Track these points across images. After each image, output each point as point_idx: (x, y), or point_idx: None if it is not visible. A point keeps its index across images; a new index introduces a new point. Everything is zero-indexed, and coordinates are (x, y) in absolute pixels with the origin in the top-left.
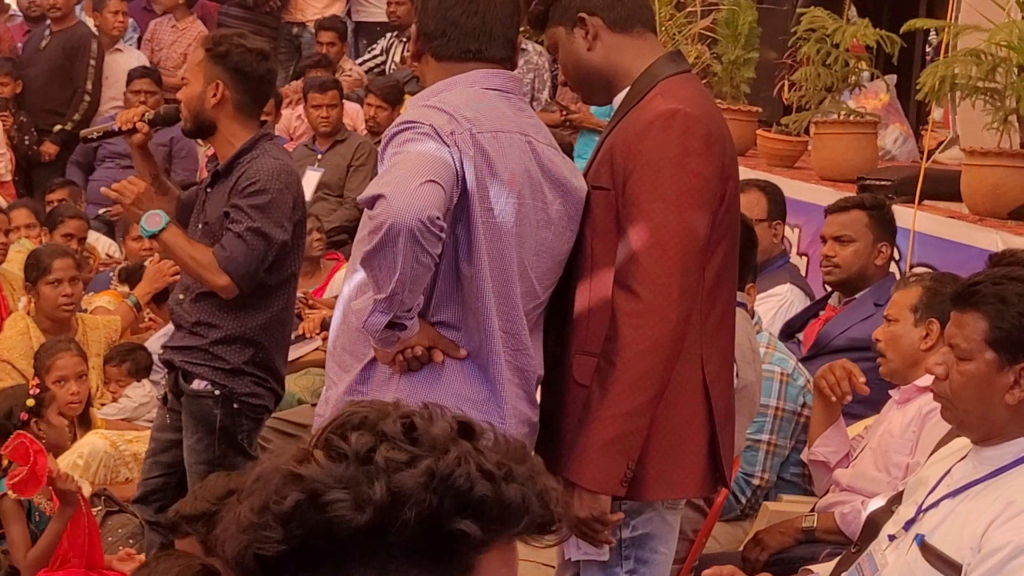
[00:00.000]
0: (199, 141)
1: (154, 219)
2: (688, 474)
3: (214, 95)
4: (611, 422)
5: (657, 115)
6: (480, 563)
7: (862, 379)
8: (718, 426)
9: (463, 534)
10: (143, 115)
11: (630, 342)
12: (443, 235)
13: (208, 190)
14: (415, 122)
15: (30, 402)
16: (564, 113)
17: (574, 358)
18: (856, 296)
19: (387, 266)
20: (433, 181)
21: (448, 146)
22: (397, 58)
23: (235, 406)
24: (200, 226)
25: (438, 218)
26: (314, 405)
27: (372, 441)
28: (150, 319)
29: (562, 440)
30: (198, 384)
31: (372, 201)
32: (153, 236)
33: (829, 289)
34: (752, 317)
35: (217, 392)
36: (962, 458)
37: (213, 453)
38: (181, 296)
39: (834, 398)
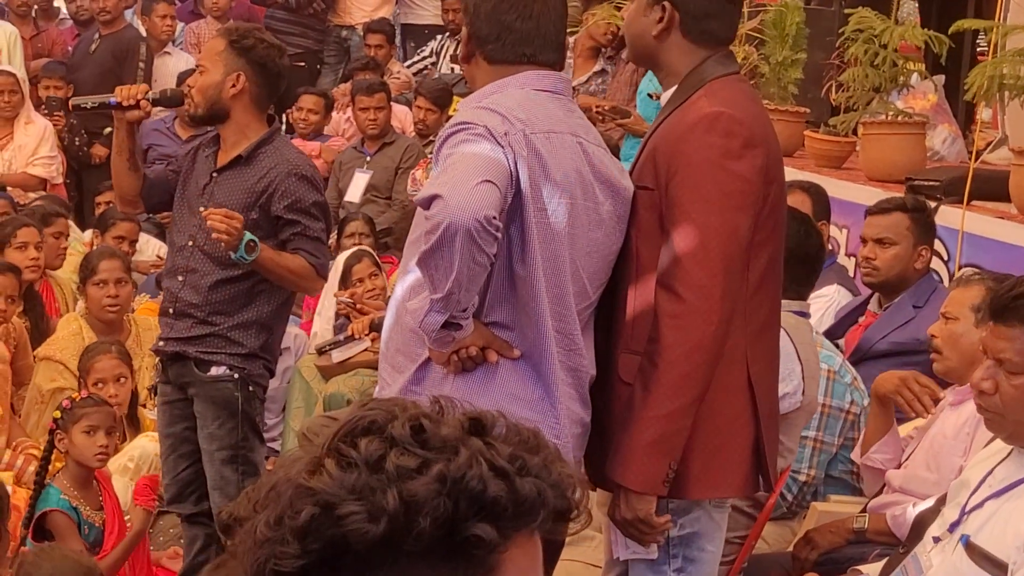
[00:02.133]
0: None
1: (250, 246)
2: (731, 474)
3: (233, 85)
4: (654, 423)
5: (701, 117)
6: (502, 561)
7: (940, 395)
8: (763, 427)
9: (477, 537)
10: (147, 93)
11: (672, 344)
12: (499, 235)
13: (215, 175)
14: (469, 123)
15: (56, 414)
16: (608, 118)
17: (619, 356)
18: (895, 300)
19: (444, 266)
20: (489, 181)
21: (502, 147)
22: (450, 59)
23: (250, 388)
24: (202, 209)
25: (494, 218)
26: None
27: (382, 448)
28: None
29: (609, 439)
30: (216, 370)
31: (428, 201)
32: (249, 263)
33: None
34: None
35: (236, 375)
36: (1004, 458)
37: (236, 437)
38: (181, 279)
39: (913, 414)
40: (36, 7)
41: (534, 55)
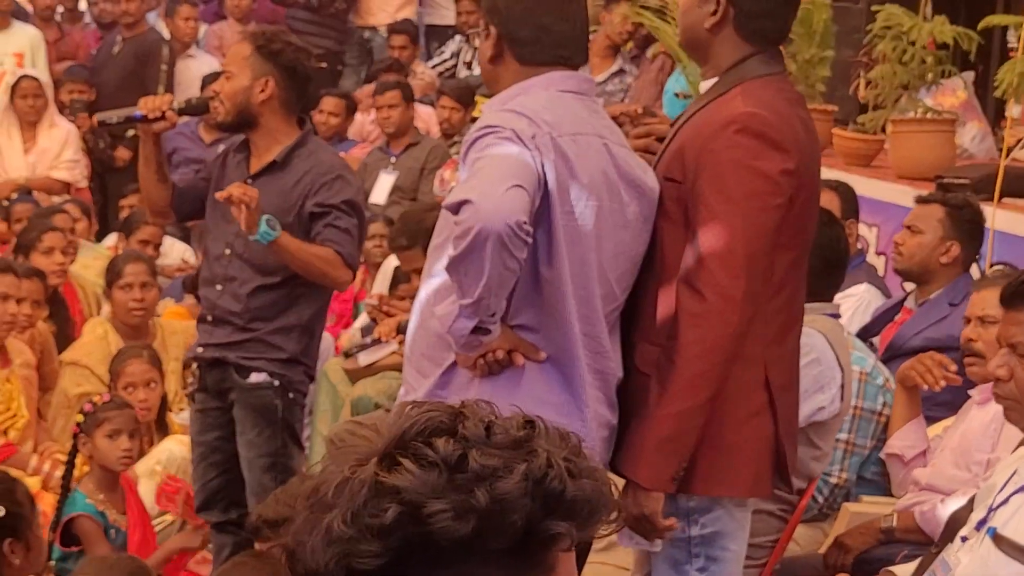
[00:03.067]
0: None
1: (270, 223)
2: (741, 474)
3: (262, 91)
4: (666, 420)
5: (732, 117)
6: (560, 560)
7: (952, 368)
8: (781, 428)
9: (557, 535)
10: (171, 103)
11: (691, 342)
12: (529, 240)
13: (249, 181)
14: (496, 126)
15: (79, 417)
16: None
17: (637, 345)
18: (930, 297)
19: (474, 271)
20: (519, 186)
21: (530, 150)
22: (468, 59)
23: (291, 395)
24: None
25: (525, 223)
26: (388, 410)
27: (460, 447)
28: None
29: (623, 432)
30: (256, 377)
31: (458, 206)
32: (272, 241)
33: (907, 289)
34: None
35: (276, 382)
36: None
37: (276, 444)
38: (219, 288)
39: (925, 386)
40: (61, 10)
41: (569, 57)
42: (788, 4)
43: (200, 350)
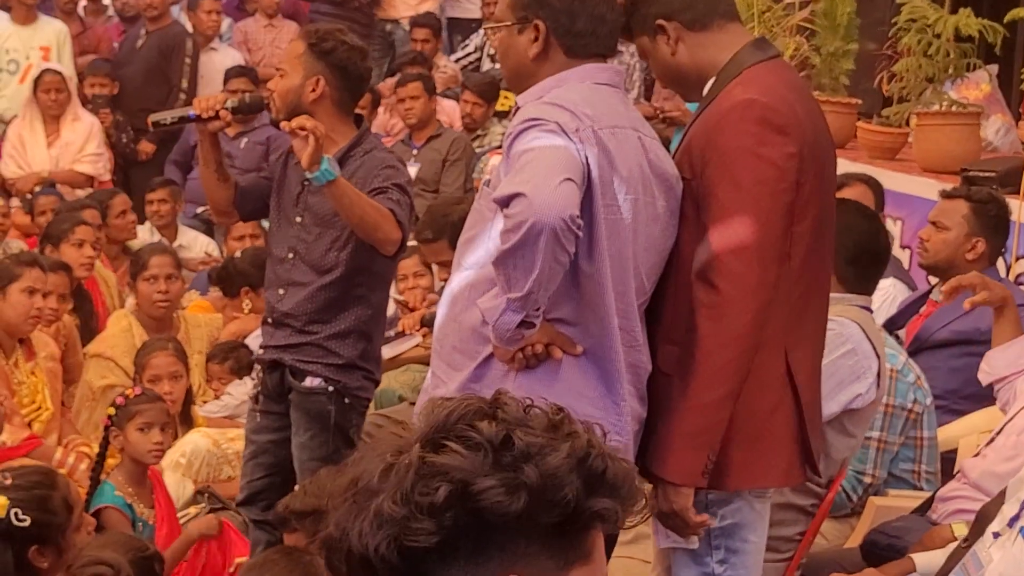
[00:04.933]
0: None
1: (333, 164)
2: (773, 464)
3: (313, 90)
4: (691, 414)
5: (733, 105)
6: (596, 542)
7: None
8: (806, 416)
9: (601, 512)
10: (225, 102)
11: (709, 334)
12: (580, 233)
13: (306, 182)
14: (540, 119)
15: (110, 411)
16: (659, 111)
17: (659, 346)
18: None
19: (524, 265)
20: (570, 179)
21: (574, 143)
22: (492, 52)
23: (346, 401)
24: (298, 219)
25: (578, 217)
26: (412, 403)
27: (504, 428)
28: (250, 310)
29: (649, 431)
30: (311, 381)
31: (509, 199)
32: (330, 182)
33: (932, 281)
34: None
35: (331, 388)
36: None
37: (328, 449)
38: (282, 292)
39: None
40: (84, 3)
41: (613, 48)
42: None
43: (261, 351)
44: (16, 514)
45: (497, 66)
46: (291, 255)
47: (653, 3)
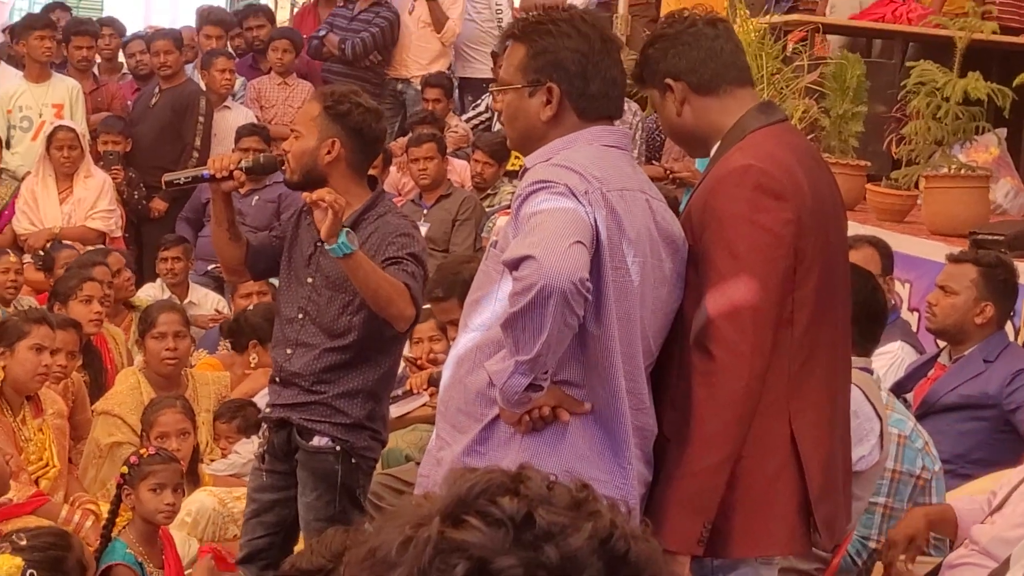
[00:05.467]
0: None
1: (350, 236)
2: (776, 531)
3: (328, 152)
4: (685, 481)
5: (729, 171)
6: None
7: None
8: (811, 482)
9: None
10: (239, 163)
11: (703, 401)
12: (590, 296)
13: (319, 244)
14: (549, 181)
15: (123, 469)
16: (668, 171)
17: (662, 411)
18: (965, 353)
19: (533, 328)
20: (580, 242)
21: (584, 205)
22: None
23: (353, 461)
24: (310, 280)
25: (587, 280)
26: (418, 463)
27: (526, 506)
28: (256, 364)
29: (648, 496)
30: (318, 440)
31: (518, 262)
32: (348, 255)
33: (940, 345)
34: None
35: (338, 448)
36: None
37: (334, 509)
38: (289, 351)
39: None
40: (99, 61)
41: (621, 110)
42: (719, 39)
43: (268, 410)
44: (32, 575)
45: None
46: (300, 315)
47: (663, 60)
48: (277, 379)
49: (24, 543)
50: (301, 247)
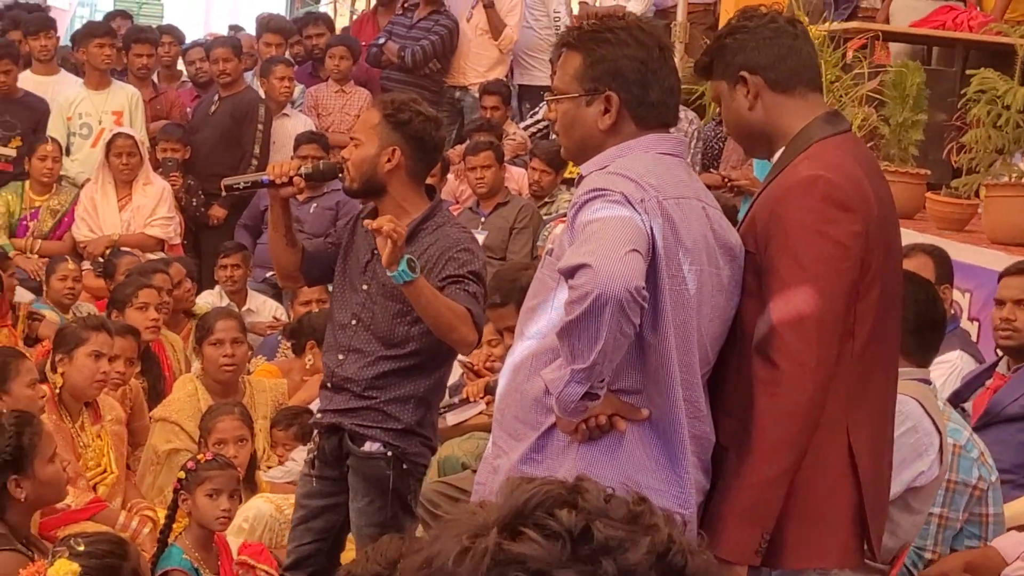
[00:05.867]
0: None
1: (411, 264)
2: (831, 543)
3: (388, 160)
4: (745, 491)
5: (798, 181)
6: None
7: None
8: (866, 495)
9: None
10: (299, 169)
11: (765, 411)
12: (646, 305)
13: (376, 252)
14: (605, 190)
15: (180, 474)
16: (727, 180)
17: (719, 419)
18: None
19: (589, 336)
20: (636, 250)
21: (640, 213)
22: None
23: (404, 467)
24: (364, 287)
25: (643, 288)
26: (474, 471)
27: (584, 519)
28: (311, 365)
29: (705, 505)
30: (370, 446)
31: (574, 270)
32: (408, 282)
33: (999, 354)
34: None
35: (389, 453)
36: None
37: (385, 515)
38: (342, 357)
39: None
40: (159, 69)
41: (676, 118)
42: (796, 38)
43: (319, 415)
44: None
45: None
46: (354, 322)
47: (740, 52)
48: (328, 384)
49: (81, 549)
50: (357, 254)
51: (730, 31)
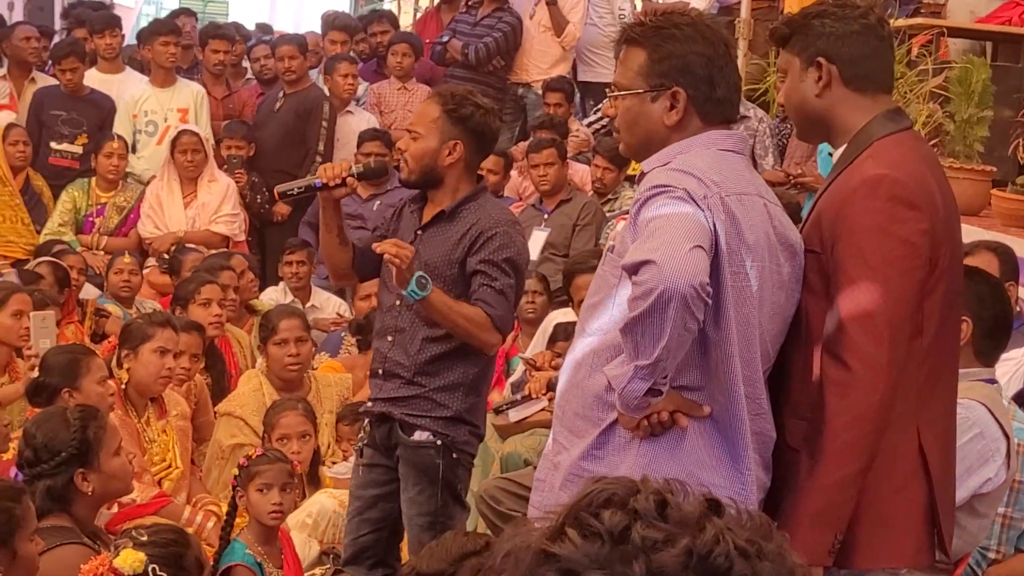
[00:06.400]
0: None
1: (421, 282)
2: (901, 543)
3: (450, 153)
4: (818, 493)
5: (863, 180)
6: None
7: None
8: (937, 494)
9: None
10: (350, 169)
11: (838, 412)
12: (710, 301)
13: (419, 232)
14: (668, 186)
15: (234, 471)
16: (791, 176)
17: (786, 421)
18: None
19: (653, 332)
20: (700, 247)
21: (703, 210)
22: None
23: (454, 456)
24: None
25: (708, 284)
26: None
27: (625, 519)
28: None
29: (772, 506)
30: (420, 435)
31: (638, 267)
32: (419, 300)
33: None
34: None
35: (439, 442)
36: None
37: (436, 504)
38: (390, 339)
39: None
40: (228, 67)
41: (737, 114)
42: (882, 40)
43: (370, 404)
44: (154, 570)
45: None
46: (398, 302)
47: (824, 38)
48: (380, 371)
49: (144, 539)
50: (402, 235)
51: (821, 12)
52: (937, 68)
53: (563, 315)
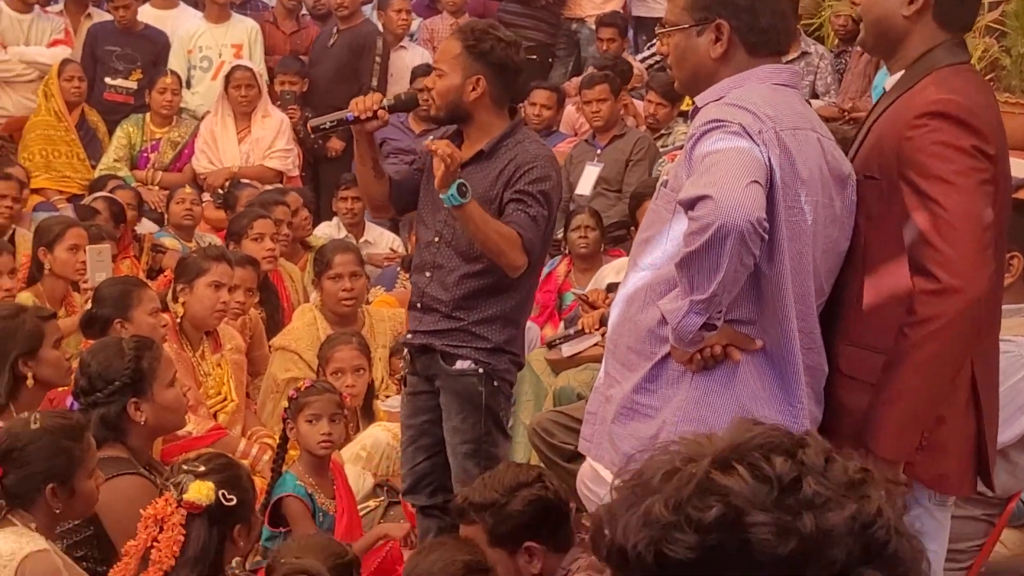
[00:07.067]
0: None
1: (462, 188)
2: (948, 470)
3: (474, 89)
4: (908, 395)
5: (930, 103)
6: None
7: None
8: (988, 426)
9: None
10: (381, 102)
11: (927, 319)
12: (767, 236)
13: (459, 171)
14: (723, 121)
15: (284, 403)
16: (845, 112)
17: (841, 348)
18: None
19: (709, 268)
20: (756, 182)
21: (758, 145)
22: None
23: (495, 384)
24: (446, 204)
25: (764, 219)
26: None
27: (796, 470)
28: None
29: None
30: (462, 363)
31: (694, 202)
32: (460, 205)
33: None
34: None
35: (480, 370)
36: None
37: (479, 431)
38: (428, 275)
39: None
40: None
41: (789, 45)
42: None
43: (410, 336)
44: (224, 495)
45: None
46: (437, 239)
47: None
48: (418, 304)
49: (202, 468)
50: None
51: None
52: (993, 2)
53: (615, 270)
